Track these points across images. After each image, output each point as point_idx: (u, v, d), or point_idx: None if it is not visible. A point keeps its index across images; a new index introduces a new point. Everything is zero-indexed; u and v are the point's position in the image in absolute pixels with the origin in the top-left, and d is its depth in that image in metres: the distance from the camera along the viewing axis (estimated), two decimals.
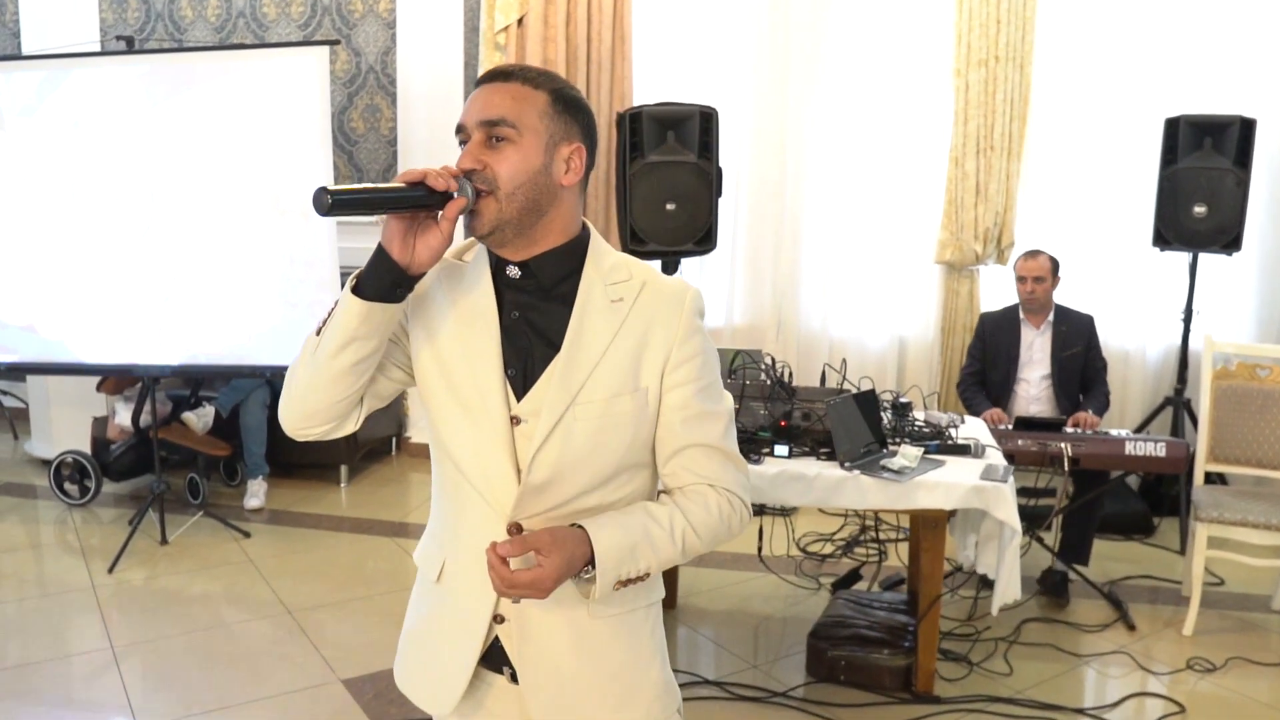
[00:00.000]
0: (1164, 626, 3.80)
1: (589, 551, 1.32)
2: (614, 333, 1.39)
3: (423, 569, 1.56)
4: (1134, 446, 3.73)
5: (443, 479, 1.49)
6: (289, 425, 1.43)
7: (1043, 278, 4.33)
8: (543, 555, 1.28)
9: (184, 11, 5.93)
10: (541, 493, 1.38)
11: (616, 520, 1.37)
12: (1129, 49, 5.02)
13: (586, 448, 1.38)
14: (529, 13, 5.24)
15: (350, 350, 1.33)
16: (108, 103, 4.44)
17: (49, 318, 4.61)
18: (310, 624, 3.74)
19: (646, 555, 1.37)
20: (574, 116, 1.40)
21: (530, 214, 1.35)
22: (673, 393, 1.42)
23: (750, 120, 5.39)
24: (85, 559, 4.36)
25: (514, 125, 1.33)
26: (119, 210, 4.48)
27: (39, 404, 5.78)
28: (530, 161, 1.34)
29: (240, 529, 4.66)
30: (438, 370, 1.42)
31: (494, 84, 1.37)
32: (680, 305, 1.43)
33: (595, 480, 1.41)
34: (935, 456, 3.18)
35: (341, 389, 1.37)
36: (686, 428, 1.42)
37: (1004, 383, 4.45)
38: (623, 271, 1.43)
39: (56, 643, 3.58)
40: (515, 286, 1.42)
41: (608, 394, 1.38)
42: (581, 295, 1.40)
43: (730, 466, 1.46)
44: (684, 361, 1.42)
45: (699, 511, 1.42)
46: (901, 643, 3.30)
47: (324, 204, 1.22)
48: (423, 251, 1.30)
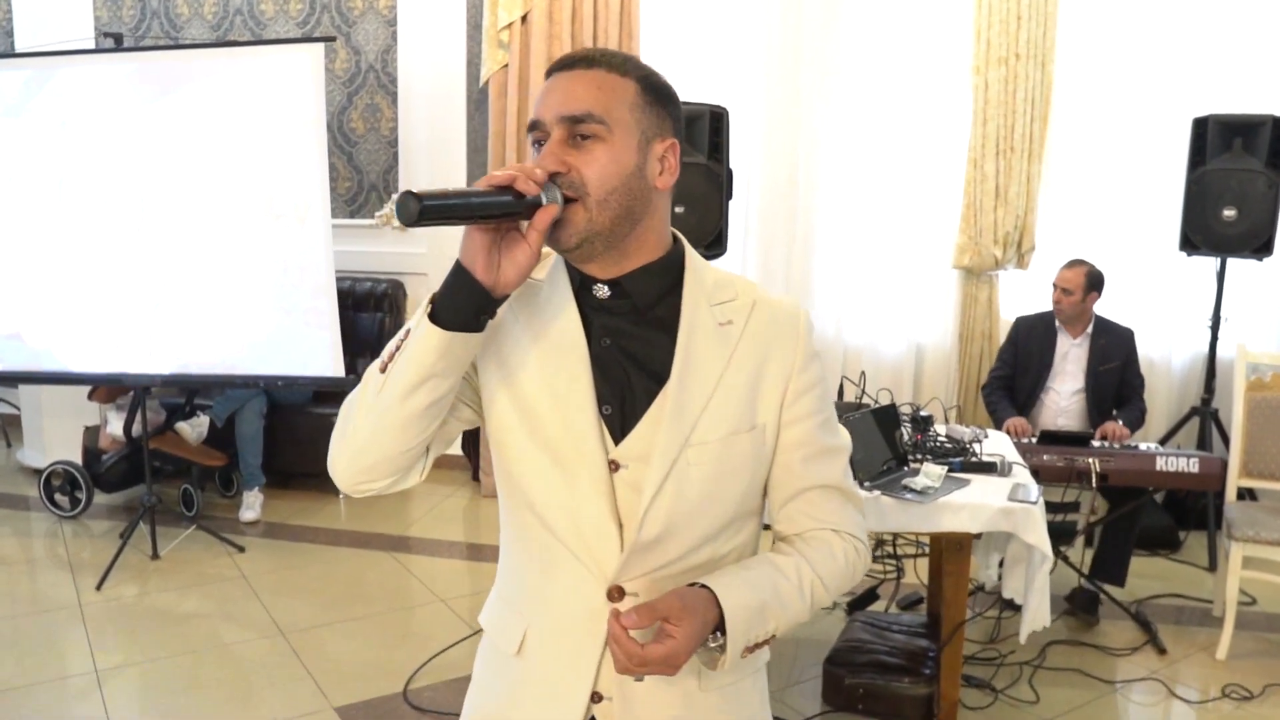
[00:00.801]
0: (1196, 650, 3.63)
1: (718, 615, 1.14)
2: (726, 361, 1.22)
3: (495, 639, 1.34)
4: (1165, 462, 3.56)
5: (522, 534, 1.28)
6: (345, 481, 1.22)
7: (1070, 290, 4.14)
8: (673, 624, 1.09)
9: (180, 9, 5.79)
10: (651, 550, 1.20)
11: (742, 577, 1.19)
12: (1155, 45, 4.84)
13: (702, 496, 1.21)
14: (533, 9, 5.08)
15: (425, 390, 1.13)
16: (96, 102, 4.30)
17: (35, 325, 4.47)
18: (303, 646, 3.59)
19: (775, 615, 1.20)
20: (666, 107, 1.22)
21: (623, 223, 1.18)
22: (792, 428, 1.26)
23: (762, 120, 5.22)
24: (74, 574, 4.22)
25: (602, 120, 1.15)
26: (107, 213, 4.34)
27: (31, 412, 5.65)
28: (623, 162, 1.16)
29: (234, 543, 4.51)
30: (516, 410, 1.22)
31: (574, 71, 1.18)
32: (796, 327, 1.27)
33: (709, 532, 1.23)
34: (959, 475, 3.01)
35: (411, 435, 1.17)
36: (807, 467, 1.27)
37: (1032, 391, 4.28)
38: (728, 289, 1.26)
39: (39, 665, 3.43)
40: (604, 309, 1.23)
41: (724, 432, 1.21)
42: (686, 318, 1.22)
43: (851, 507, 1.31)
44: (804, 392, 1.26)
45: (826, 561, 1.27)
46: (922, 669, 3.14)
47: (411, 212, 1.03)
48: (509, 269, 1.11)
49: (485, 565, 4.40)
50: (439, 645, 3.52)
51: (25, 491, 5.32)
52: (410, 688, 3.28)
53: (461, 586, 4.15)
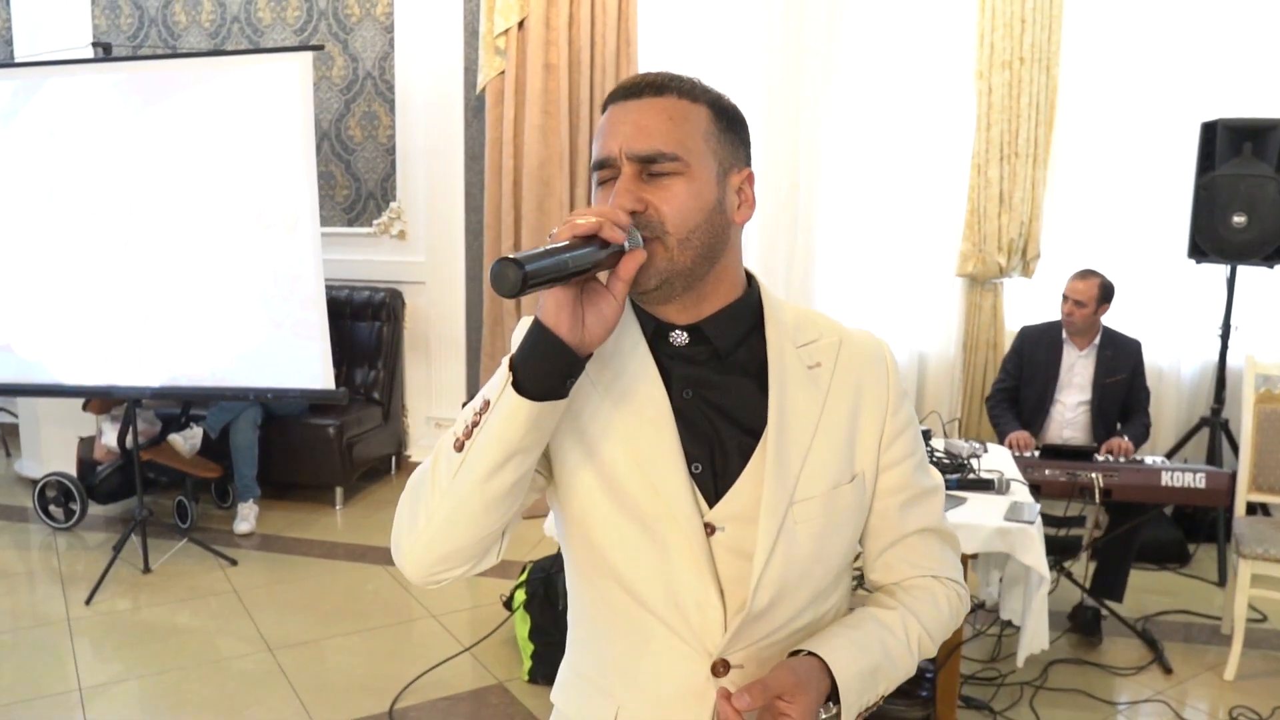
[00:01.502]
0: (1203, 669, 3.53)
1: (829, 684, 1.07)
2: (820, 407, 1.14)
3: (575, 717, 1.23)
4: (1171, 477, 3.47)
5: (604, 607, 1.17)
6: (418, 573, 1.10)
7: (1084, 302, 4.02)
8: (787, 701, 1.02)
9: (178, 17, 5.76)
10: (760, 620, 1.11)
11: (850, 639, 1.12)
12: (1163, 48, 4.74)
13: (811, 556, 1.12)
14: (530, 15, 5.03)
15: (510, 468, 1.02)
16: (84, 112, 4.27)
17: (26, 337, 4.43)
18: (291, 663, 3.53)
19: (886, 675, 1.14)
20: (739, 134, 1.14)
21: (703, 263, 1.08)
22: (889, 473, 1.19)
23: (761, 126, 5.15)
24: (64, 588, 4.18)
25: (678, 157, 1.06)
26: (96, 224, 4.31)
27: (29, 422, 5.63)
28: (704, 197, 1.07)
29: (227, 556, 4.46)
30: (595, 474, 1.12)
31: (642, 100, 1.08)
32: (884, 364, 1.20)
33: (815, 594, 1.15)
34: (956, 493, 2.94)
35: (495, 519, 1.06)
36: (905, 513, 1.20)
37: (1038, 403, 4.17)
38: (810, 329, 1.19)
39: (21, 683, 3.38)
40: (682, 357, 1.13)
41: (826, 486, 1.13)
42: (774, 363, 1.13)
43: (949, 550, 1.25)
44: (899, 434, 1.19)
45: (930, 611, 1.20)
46: (919, 691, 3.06)
47: (512, 282, 0.91)
48: (594, 325, 1.00)
49: (484, 580, 4.32)
50: (429, 663, 3.46)
51: (23, 502, 5.29)
52: (396, 707, 3.21)
53: (457, 602, 4.09)
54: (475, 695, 3.32)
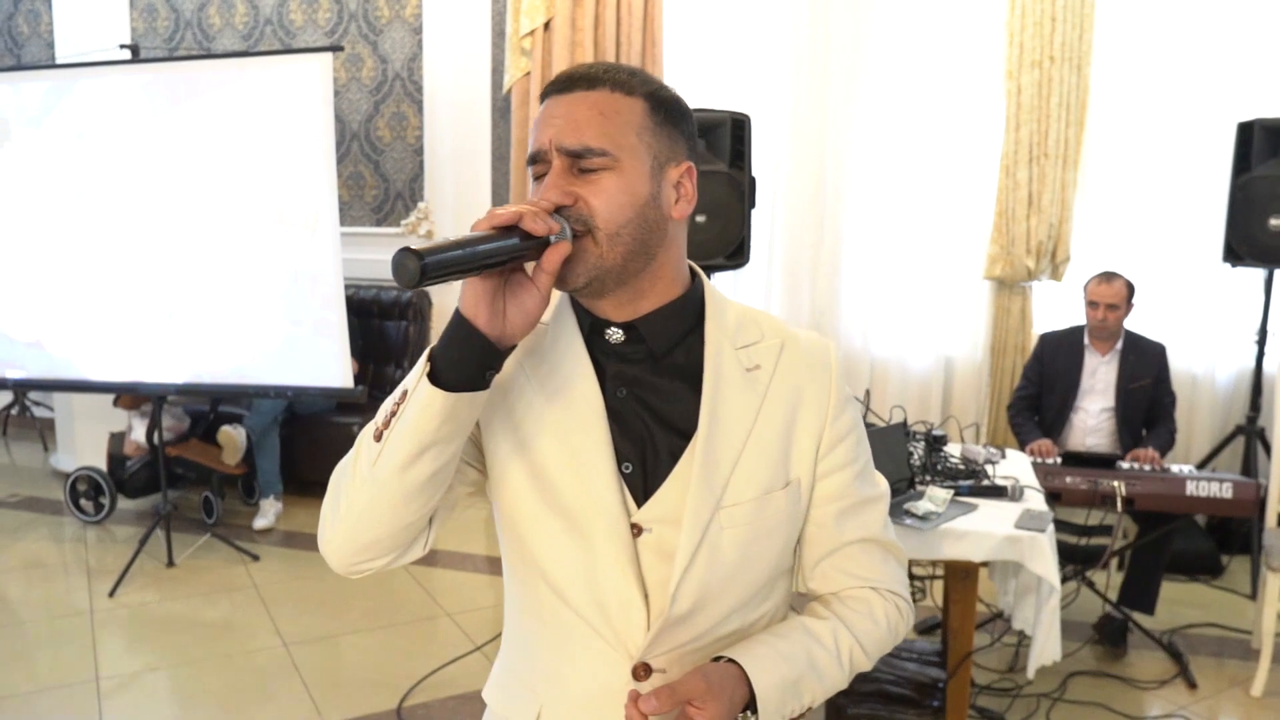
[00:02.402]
0: (1230, 685, 3.44)
1: (748, 692, 1.04)
2: (755, 411, 1.11)
3: (503, 714, 1.22)
4: (1196, 486, 3.38)
5: (534, 606, 1.16)
6: (339, 562, 1.11)
7: (1117, 305, 3.92)
8: (697, 707, 1.00)
9: (212, 19, 5.84)
10: (681, 624, 1.09)
11: (774, 649, 1.09)
12: (1197, 47, 4.64)
13: (736, 563, 1.10)
14: (556, 16, 5.04)
15: (427, 459, 1.01)
16: (112, 113, 4.34)
17: (56, 333, 4.52)
18: (304, 659, 3.56)
19: (811, 687, 1.11)
20: (677, 126, 1.10)
21: (637, 258, 1.06)
22: (827, 480, 1.16)
23: (787, 127, 5.11)
24: (90, 580, 4.25)
25: (606, 152, 1.04)
26: (123, 223, 4.38)
27: (64, 417, 5.74)
28: (636, 192, 1.05)
29: (249, 552, 4.51)
30: (527, 471, 1.11)
31: (575, 93, 1.06)
32: (827, 369, 1.17)
33: (741, 600, 1.13)
34: (967, 499, 2.88)
35: (414, 509, 1.05)
36: (843, 521, 1.17)
37: (1060, 410, 4.08)
38: (752, 329, 1.15)
39: (43, 673, 3.44)
40: (618, 355, 1.12)
41: (757, 492, 1.10)
42: (710, 364, 1.10)
43: (892, 562, 1.21)
44: (839, 441, 1.16)
45: (865, 624, 1.17)
46: (930, 702, 3.00)
47: (410, 273, 0.90)
48: (516, 317, 0.99)
49: (500, 580, 4.34)
50: (442, 661, 3.47)
51: (56, 495, 5.39)
52: (404, 705, 3.22)
53: (472, 601, 4.10)
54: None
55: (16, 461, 6.22)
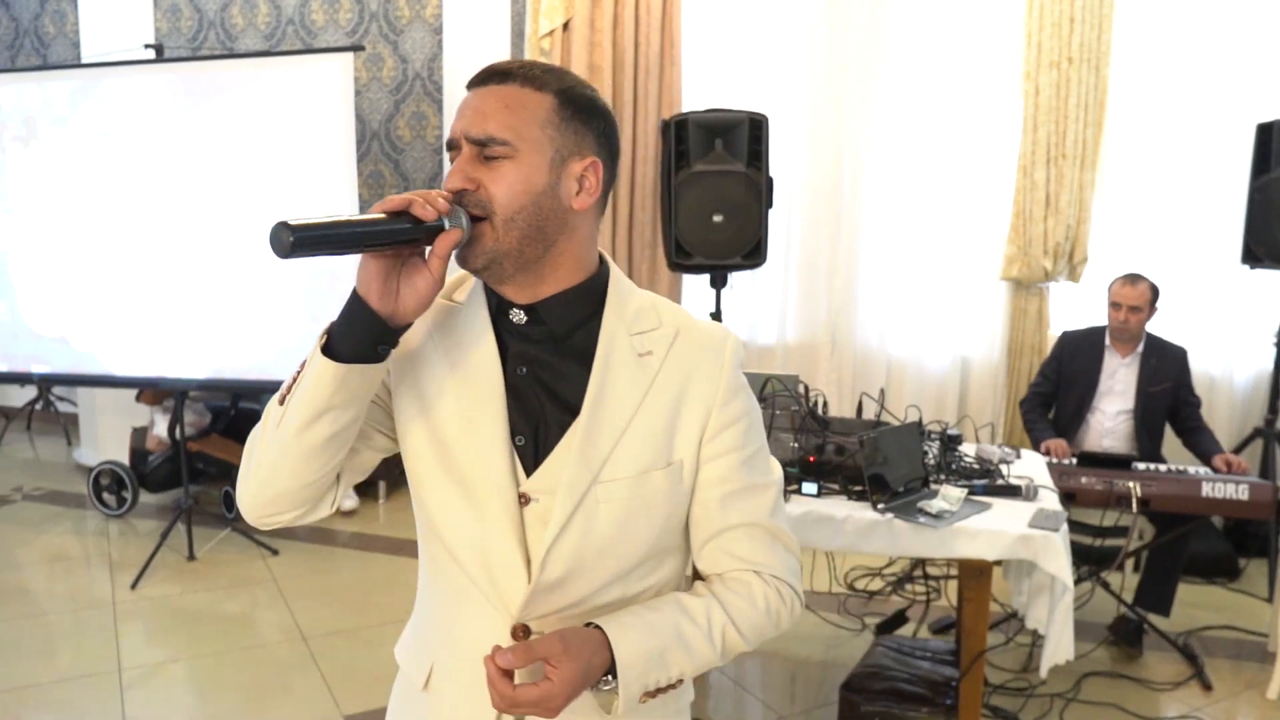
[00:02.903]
0: (1245, 688, 3.43)
1: (609, 658, 1.09)
2: (642, 393, 1.16)
3: (406, 670, 1.31)
4: (1212, 488, 3.37)
5: (433, 566, 1.24)
6: (250, 513, 1.18)
7: (1139, 308, 3.90)
8: (552, 666, 1.05)
9: (235, 19, 5.90)
10: (556, 590, 1.15)
11: (643, 619, 1.14)
12: (1216, 48, 4.63)
13: (611, 534, 1.15)
14: (575, 16, 5.06)
15: (324, 422, 1.08)
16: (137, 112, 4.40)
17: (80, 329, 4.58)
18: (322, 652, 3.60)
19: (679, 660, 1.14)
20: (586, 123, 1.15)
21: (533, 244, 1.12)
22: (712, 464, 1.19)
23: (804, 127, 5.12)
24: (113, 573, 4.31)
25: (507, 142, 1.09)
26: (146, 220, 4.44)
27: (87, 412, 5.82)
28: (532, 181, 1.10)
29: (268, 546, 4.56)
30: (428, 437, 1.18)
31: (487, 87, 1.12)
32: (720, 358, 1.20)
33: (619, 572, 1.18)
34: (981, 498, 2.88)
35: (314, 468, 1.12)
36: (727, 505, 1.20)
37: (1076, 411, 4.07)
38: (651, 317, 1.21)
39: (66, 663, 3.50)
40: (521, 335, 1.18)
41: (636, 469, 1.15)
42: (603, 348, 1.16)
43: (779, 548, 1.23)
44: (725, 427, 1.19)
45: (742, 605, 1.19)
46: (943, 699, 3.02)
47: (284, 244, 0.97)
48: (409, 297, 1.06)
49: None
50: None
51: (80, 489, 5.46)
52: None
53: None
54: None
55: (40, 455, 6.31)
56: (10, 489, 5.52)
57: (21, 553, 4.56)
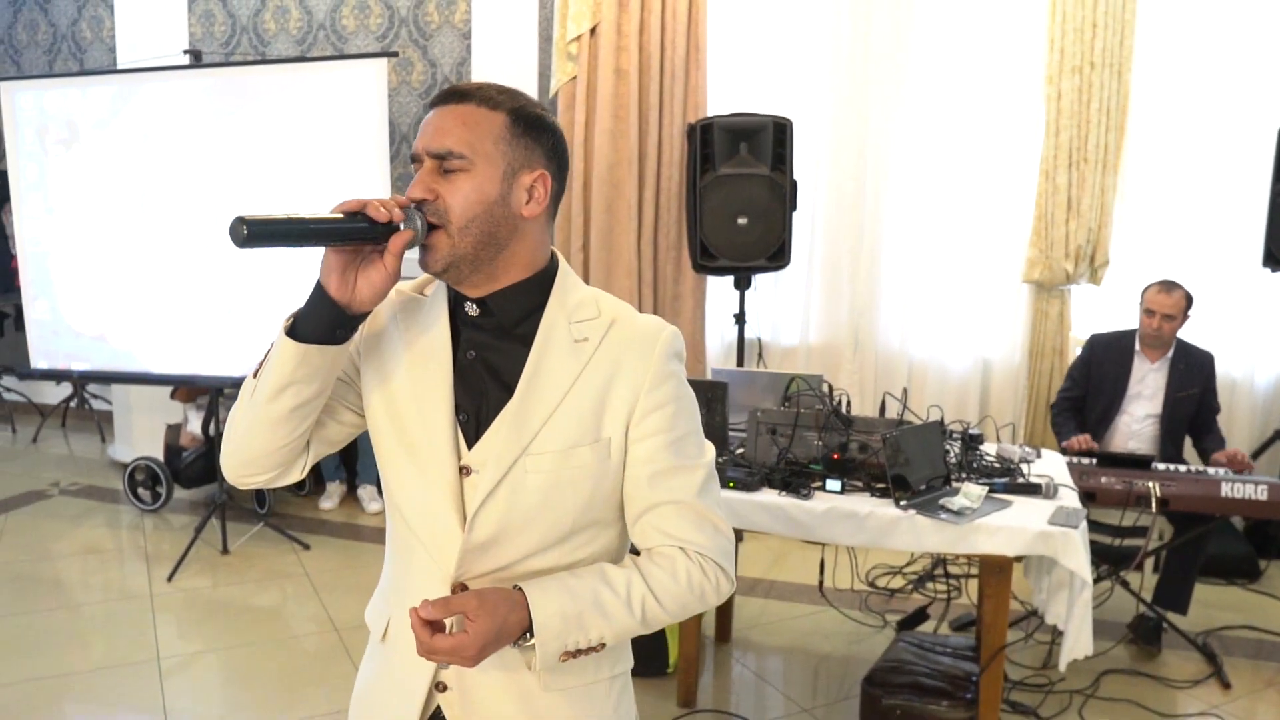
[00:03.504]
0: (1264, 686, 3.47)
1: (526, 618, 1.20)
2: (574, 376, 1.27)
3: (371, 626, 1.44)
4: (1231, 488, 3.40)
5: (392, 531, 1.38)
6: (229, 472, 1.32)
7: (1173, 316, 3.93)
8: (469, 619, 1.16)
9: (267, 25, 6.01)
10: (486, 551, 1.27)
11: (563, 584, 1.24)
12: (1238, 53, 4.64)
13: (538, 503, 1.26)
14: (602, 21, 5.13)
15: (288, 395, 1.22)
16: (176, 115, 4.51)
17: (119, 327, 4.70)
18: (354, 643, 3.68)
19: (597, 624, 1.23)
20: (536, 139, 1.27)
21: (487, 248, 1.24)
22: (640, 445, 1.29)
23: (827, 131, 5.17)
24: (149, 566, 4.41)
25: (463, 156, 1.21)
26: (184, 222, 4.55)
27: (122, 409, 5.94)
28: (485, 192, 1.22)
29: (300, 540, 4.66)
30: (387, 413, 1.31)
31: (446, 106, 1.24)
32: (651, 347, 1.29)
33: (548, 539, 1.28)
34: (1002, 496, 2.94)
35: (281, 435, 1.26)
36: (654, 484, 1.29)
37: (1105, 414, 4.09)
38: (590, 308, 1.31)
39: (105, 651, 3.60)
40: (473, 325, 1.31)
41: (564, 444, 1.26)
42: (541, 334, 1.28)
43: (707, 527, 1.31)
44: (653, 410, 1.29)
45: (664, 578, 1.28)
46: (963, 694, 3.07)
47: (239, 235, 1.10)
48: (364, 289, 1.19)
49: None
50: None
51: (114, 484, 5.58)
52: None
53: None
54: None
55: (75, 452, 6.44)
56: (47, 484, 5.65)
57: (59, 545, 4.68)
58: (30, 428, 6.86)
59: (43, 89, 4.73)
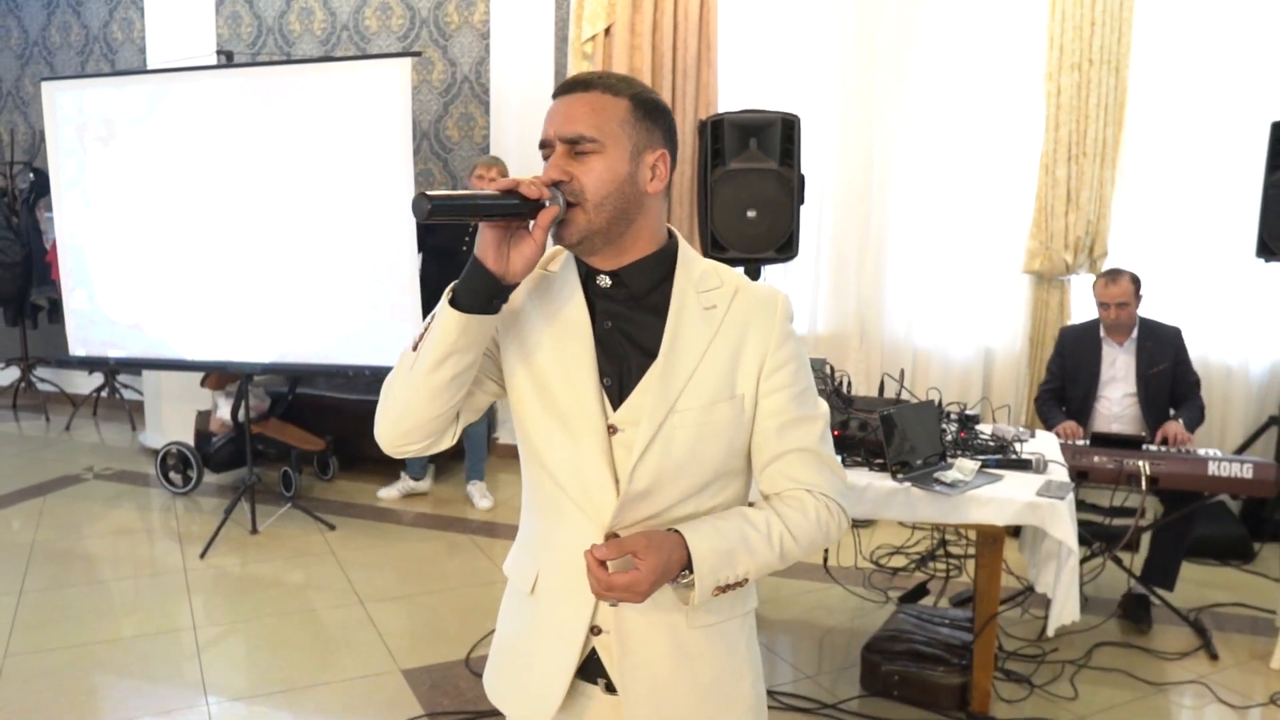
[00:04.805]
0: (1250, 658, 3.60)
1: (685, 556, 1.31)
2: (709, 340, 1.39)
3: (515, 581, 1.54)
4: (1218, 467, 3.55)
5: (536, 491, 1.48)
6: (386, 442, 1.42)
7: (1126, 302, 4.09)
8: (639, 558, 1.27)
9: (293, 25, 6.21)
10: (640, 502, 1.38)
11: (713, 525, 1.36)
12: (1233, 49, 4.78)
13: (685, 456, 1.38)
14: (616, 22, 5.30)
15: (449, 364, 1.32)
16: (208, 113, 4.69)
17: (154, 316, 4.89)
18: (379, 615, 3.87)
19: (744, 560, 1.36)
20: (655, 121, 1.39)
21: (618, 223, 1.35)
22: (768, 399, 1.42)
23: (835, 126, 5.33)
24: (182, 544, 4.61)
25: (595, 139, 1.32)
26: (216, 215, 4.73)
27: (152, 398, 6.14)
28: (616, 171, 1.33)
29: (326, 521, 4.84)
30: (532, 383, 1.42)
31: (573, 95, 1.35)
32: (773, 311, 1.43)
33: (692, 488, 1.40)
34: (993, 471, 3.09)
35: (440, 404, 1.36)
36: (782, 434, 1.42)
37: (1084, 400, 4.25)
38: (713, 278, 1.43)
39: (146, 621, 3.79)
40: (606, 296, 1.41)
41: (705, 401, 1.38)
42: (675, 303, 1.39)
43: (827, 471, 1.44)
44: (779, 367, 1.42)
45: (797, 517, 1.41)
46: (959, 660, 3.23)
47: (423, 209, 1.21)
48: (517, 261, 1.30)
49: None
50: None
51: (146, 469, 5.79)
52: (472, 656, 3.51)
53: None
54: None
55: (106, 440, 6.65)
56: (81, 469, 5.86)
57: (95, 526, 4.88)
58: (63, 417, 7.08)
59: (82, 89, 4.93)
